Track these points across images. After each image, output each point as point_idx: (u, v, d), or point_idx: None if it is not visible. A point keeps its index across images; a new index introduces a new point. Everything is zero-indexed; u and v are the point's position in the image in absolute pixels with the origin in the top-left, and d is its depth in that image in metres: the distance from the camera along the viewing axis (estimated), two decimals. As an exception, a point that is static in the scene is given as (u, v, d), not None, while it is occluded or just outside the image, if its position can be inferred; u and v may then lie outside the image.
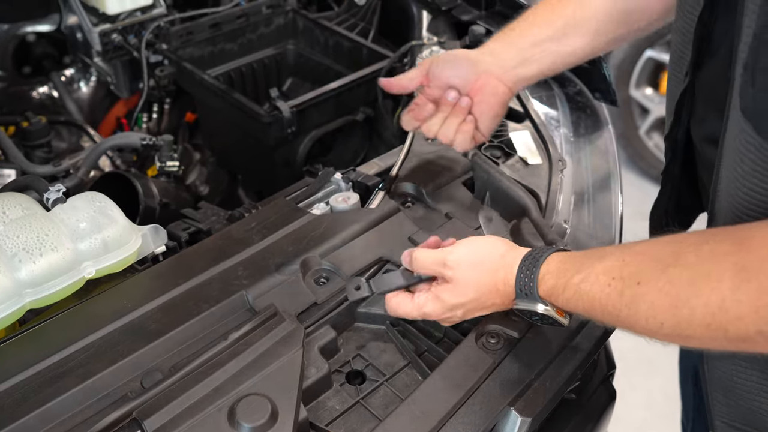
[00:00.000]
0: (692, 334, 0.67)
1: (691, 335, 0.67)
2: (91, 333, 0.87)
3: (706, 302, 0.65)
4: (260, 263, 0.98)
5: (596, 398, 1.09)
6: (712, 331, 0.65)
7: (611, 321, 0.75)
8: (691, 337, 0.68)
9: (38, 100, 1.70)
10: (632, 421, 2.24)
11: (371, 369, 0.92)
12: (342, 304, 0.95)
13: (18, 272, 0.89)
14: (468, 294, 0.85)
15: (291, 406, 0.78)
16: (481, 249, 0.86)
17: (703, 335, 0.66)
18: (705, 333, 0.66)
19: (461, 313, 0.87)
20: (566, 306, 0.80)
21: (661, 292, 0.68)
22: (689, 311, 0.66)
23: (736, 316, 0.63)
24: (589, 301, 0.76)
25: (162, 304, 0.91)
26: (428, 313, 0.87)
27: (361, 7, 1.76)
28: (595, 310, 0.76)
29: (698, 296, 0.65)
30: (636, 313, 0.71)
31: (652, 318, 0.70)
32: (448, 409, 0.82)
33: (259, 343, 0.84)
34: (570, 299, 0.78)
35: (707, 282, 0.65)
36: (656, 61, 3.18)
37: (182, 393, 0.78)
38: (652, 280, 0.69)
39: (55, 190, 1.01)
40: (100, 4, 1.60)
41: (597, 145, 1.33)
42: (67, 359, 0.84)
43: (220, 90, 1.50)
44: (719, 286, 0.64)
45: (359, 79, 1.51)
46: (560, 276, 0.79)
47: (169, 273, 0.97)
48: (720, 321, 0.64)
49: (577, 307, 0.78)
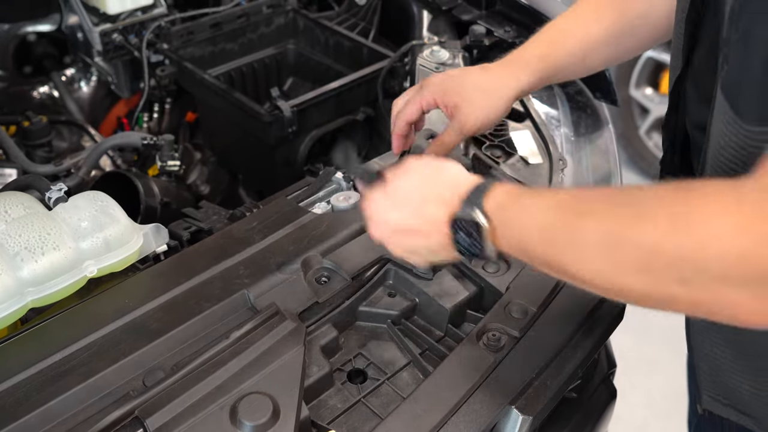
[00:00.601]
0: (619, 275, 0.66)
1: (617, 278, 0.67)
2: (93, 332, 0.87)
3: (639, 243, 0.64)
4: (261, 262, 0.98)
5: (597, 397, 1.09)
6: (641, 276, 0.64)
7: (542, 253, 0.73)
8: (616, 281, 0.67)
9: (39, 99, 1.71)
10: (632, 419, 2.24)
11: (372, 368, 0.92)
12: (343, 303, 0.95)
13: (20, 271, 0.89)
14: (413, 177, 0.83)
15: (293, 405, 0.78)
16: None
17: (629, 279, 0.66)
18: (632, 277, 0.65)
19: (396, 203, 0.83)
20: (504, 226, 0.76)
21: (601, 226, 0.68)
22: (623, 250, 0.66)
23: (665, 263, 0.63)
24: (528, 226, 0.74)
25: (163, 303, 0.91)
26: (371, 199, 0.85)
27: (361, 6, 1.76)
28: (531, 237, 0.74)
29: (635, 236, 0.64)
30: (571, 242, 0.70)
31: (585, 250, 0.69)
32: (450, 407, 0.82)
33: (261, 341, 0.84)
34: (512, 218, 0.75)
35: (644, 224, 0.64)
36: (656, 61, 3.18)
37: (184, 391, 0.78)
38: (597, 214, 0.69)
39: (57, 189, 1.01)
40: (100, 4, 1.60)
41: (597, 145, 1.33)
42: (69, 358, 0.84)
43: (221, 90, 1.50)
44: (654, 230, 0.63)
45: (360, 79, 1.51)
46: (512, 194, 0.77)
47: (171, 272, 0.97)
48: (648, 263, 0.64)
49: (513, 231, 0.75)
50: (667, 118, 0.92)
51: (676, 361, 1.27)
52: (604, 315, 0.96)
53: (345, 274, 0.97)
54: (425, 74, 1.35)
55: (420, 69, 1.37)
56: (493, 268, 1.00)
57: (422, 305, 0.98)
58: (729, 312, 0.62)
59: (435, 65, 1.38)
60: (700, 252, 0.60)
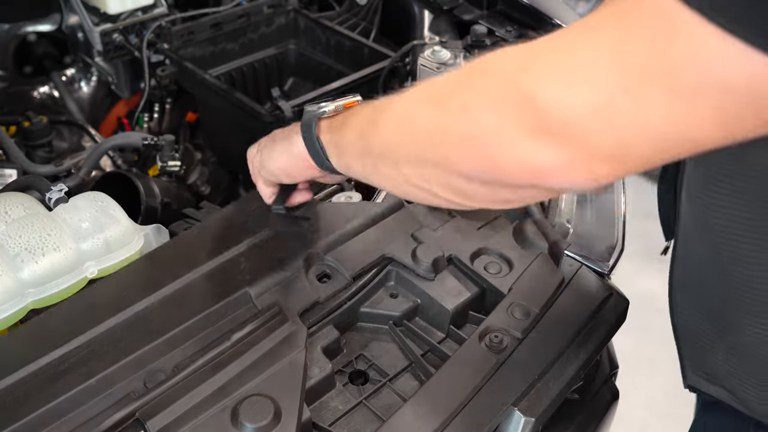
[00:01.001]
0: (417, 107, 0.70)
1: (416, 111, 0.70)
2: (92, 327, 0.85)
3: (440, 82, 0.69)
4: (262, 256, 0.97)
5: (599, 398, 1.09)
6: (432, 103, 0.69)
7: (357, 131, 0.80)
8: (413, 120, 0.70)
9: (39, 99, 1.70)
10: (634, 420, 2.24)
11: (374, 369, 0.92)
12: (345, 305, 0.94)
13: (20, 272, 0.88)
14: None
15: (294, 407, 0.78)
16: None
17: (421, 110, 0.69)
18: (425, 107, 0.69)
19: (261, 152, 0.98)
20: (325, 135, 0.86)
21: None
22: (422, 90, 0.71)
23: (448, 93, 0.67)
24: (347, 122, 0.82)
25: (164, 297, 0.90)
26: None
27: (362, 6, 1.75)
28: (349, 124, 0.82)
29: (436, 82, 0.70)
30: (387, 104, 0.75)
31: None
32: (452, 409, 0.82)
33: (262, 343, 0.84)
34: (332, 127, 0.85)
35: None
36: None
37: (185, 393, 0.78)
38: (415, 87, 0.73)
39: (57, 190, 1.01)
40: (101, 4, 1.60)
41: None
42: (69, 355, 0.83)
43: (222, 90, 1.50)
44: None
45: (361, 79, 1.51)
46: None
47: (172, 260, 0.96)
48: (439, 97, 0.68)
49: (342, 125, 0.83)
50: None
51: (677, 363, 1.26)
52: (607, 316, 0.96)
53: (346, 273, 0.97)
54: (426, 74, 1.34)
55: (421, 69, 1.37)
56: (495, 269, 1.00)
57: (424, 306, 0.98)
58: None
59: (436, 65, 1.37)
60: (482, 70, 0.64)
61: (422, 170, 0.71)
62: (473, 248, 1.02)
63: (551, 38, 0.60)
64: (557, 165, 0.58)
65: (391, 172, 0.75)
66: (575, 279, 1.01)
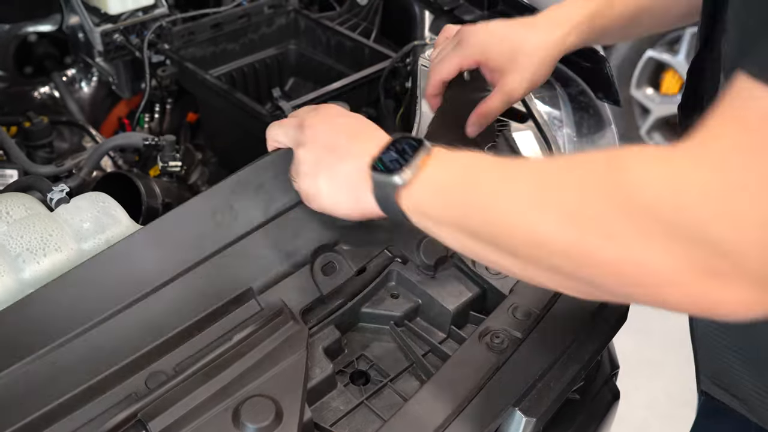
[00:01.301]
0: (545, 219, 0.60)
1: (543, 222, 0.60)
2: (90, 320, 0.83)
3: (574, 190, 0.59)
4: (268, 247, 0.95)
5: (600, 398, 1.09)
6: (567, 220, 0.59)
7: (467, 199, 0.67)
8: (537, 233, 0.61)
9: (40, 100, 1.70)
10: (635, 420, 2.24)
11: (375, 369, 0.92)
12: (346, 305, 0.94)
13: (22, 273, 0.88)
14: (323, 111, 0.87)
15: (296, 407, 0.78)
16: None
17: (552, 224, 0.60)
18: (556, 221, 0.59)
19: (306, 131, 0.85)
20: (434, 170, 0.71)
21: (535, 172, 0.64)
22: (553, 195, 0.60)
23: (594, 213, 0.57)
24: (463, 171, 0.69)
25: (165, 290, 0.88)
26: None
27: (363, 7, 1.76)
28: (459, 182, 0.68)
29: (569, 183, 0.60)
30: (501, 186, 0.65)
31: (514, 195, 0.63)
32: (453, 409, 0.82)
33: (264, 344, 0.84)
34: (447, 163, 0.71)
35: (585, 174, 0.60)
36: (657, 61, 3.18)
37: (187, 394, 0.78)
38: (533, 165, 0.67)
39: (59, 191, 1.01)
40: (101, 4, 1.60)
41: (600, 146, 1.33)
42: (68, 351, 0.81)
43: (222, 90, 1.50)
44: (592, 178, 0.59)
45: (361, 79, 1.51)
46: (441, 149, 0.73)
47: (173, 241, 0.93)
48: (579, 212, 0.58)
49: (446, 175, 0.70)
50: (683, 99, 0.90)
51: (678, 363, 1.27)
52: (608, 317, 0.96)
53: (352, 265, 0.96)
54: (427, 75, 1.34)
55: (422, 69, 1.37)
56: (496, 269, 1.00)
57: (425, 306, 0.98)
58: (654, 281, 0.55)
59: (437, 66, 1.37)
60: (632, 199, 0.54)
61: (548, 274, 0.63)
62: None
63: (693, 153, 0.54)
64: (734, 302, 0.53)
65: (499, 259, 0.67)
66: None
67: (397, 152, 0.73)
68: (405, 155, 0.72)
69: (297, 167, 0.86)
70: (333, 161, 0.81)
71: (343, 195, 0.81)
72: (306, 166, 0.84)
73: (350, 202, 0.81)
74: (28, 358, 0.80)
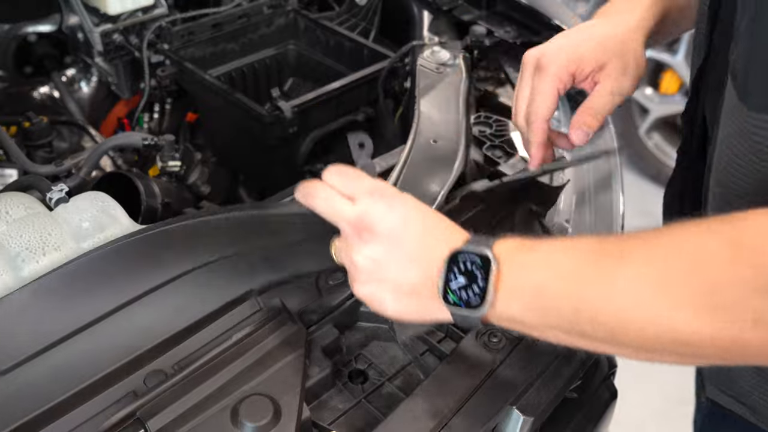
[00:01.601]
0: (680, 315, 0.57)
1: (678, 318, 0.57)
2: (90, 318, 0.84)
3: (704, 280, 0.56)
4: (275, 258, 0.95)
5: (598, 397, 1.09)
6: (705, 312, 0.56)
7: (569, 307, 0.62)
8: (674, 330, 0.58)
9: (39, 100, 1.71)
10: (632, 419, 2.24)
11: (373, 368, 0.92)
12: (345, 303, 0.95)
13: (21, 272, 0.89)
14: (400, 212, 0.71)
15: (294, 406, 0.78)
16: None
17: (690, 318, 0.57)
18: (693, 315, 0.57)
19: (376, 253, 0.71)
20: (520, 270, 0.65)
21: (649, 267, 0.59)
22: (682, 290, 0.57)
23: (732, 300, 0.55)
24: (550, 271, 0.63)
25: (165, 292, 0.88)
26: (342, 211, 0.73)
27: (362, 7, 1.76)
28: (554, 287, 0.63)
29: (696, 274, 0.57)
30: (611, 290, 0.60)
31: (632, 298, 0.59)
32: (451, 408, 0.82)
33: (263, 343, 0.84)
34: (526, 265, 0.65)
35: (710, 260, 0.56)
36: (656, 61, 3.18)
37: (185, 393, 0.78)
38: (639, 256, 0.60)
39: (58, 190, 1.01)
40: (101, 5, 1.60)
41: (598, 145, 1.33)
42: (67, 348, 0.82)
43: (222, 90, 1.50)
44: (722, 265, 0.56)
45: (360, 79, 1.51)
46: (523, 242, 0.67)
47: (177, 246, 0.93)
48: (716, 302, 0.56)
49: (531, 278, 0.64)
50: (687, 105, 0.89)
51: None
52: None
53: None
54: (426, 75, 1.35)
55: (420, 69, 1.37)
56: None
57: (423, 306, 0.98)
58: None
59: (435, 65, 1.38)
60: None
61: (673, 357, 0.60)
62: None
63: None
64: None
65: (615, 351, 0.64)
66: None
67: (463, 274, 0.67)
68: (474, 281, 0.66)
69: (355, 270, 0.75)
70: (398, 270, 0.72)
71: (412, 307, 0.73)
72: (365, 274, 0.74)
73: (419, 313, 0.74)
74: (27, 357, 0.81)
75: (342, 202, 0.74)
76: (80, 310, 0.83)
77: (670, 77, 3.20)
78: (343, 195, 0.74)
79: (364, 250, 0.72)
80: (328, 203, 0.74)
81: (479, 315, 0.67)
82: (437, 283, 0.69)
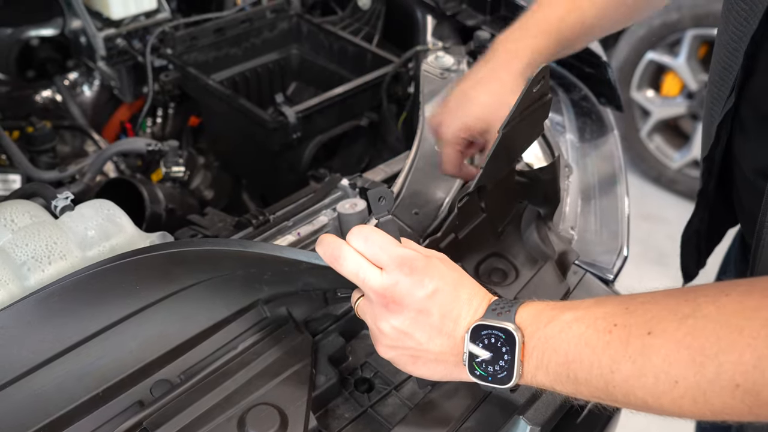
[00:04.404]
0: (711, 396, 0.57)
1: (709, 398, 0.58)
2: (97, 326, 0.82)
3: (738, 359, 0.55)
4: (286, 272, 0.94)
5: (603, 406, 1.09)
6: (740, 394, 0.56)
7: (601, 381, 0.63)
8: (707, 402, 0.58)
9: (42, 104, 1.70)
10: (636, 427, 2.24)
11: (379, 377, 0.92)
12: (350, 312, 0.95)
13: (27, 281, 0.88)
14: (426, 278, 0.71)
15: (301, 415, 0.78)
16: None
17: (725, 399, 0.57)
18: (729, 396, 0.57)
19: (403, 316, 0.71)
20: (542, 350, 0.66)
21: (680, 344, 0.58)
22: (716, 368, 0.56)
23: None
24: (578, 345, 0.63)
25: (173, 301, 0.86)
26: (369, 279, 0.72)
27: (365, 11, 1.76)
28: (583, 361, 0.63)
29: (729, 352, 0.56)
30: (643, 367, 0.60)
31: (664, 374, 0.59)
32: (457, 417, 0.82)
33: (269, 352, 0.84)
34: (552, 338, 0.65)
35: (740, 337, 0.56)
36: (657, 64, 3.18)
37: (192, 403, 0.78)
38: (668, 331, 0.59)
39: (63, 198, 1.00)
40: (104, 9, 1.60)
41: (602, 151, 1.33)
42: (74, 357, 0.81)
43: (225, 95, 1.50)
44: (754, 343, 0.55)
45: (364, 84, 1.51)
46: (545, 310, 0.67)
47: (189, 261, 0.90)
48: (753, 382, 0.55)
49: (558, 352, 0.64)
50: (710, 150, 0.89)
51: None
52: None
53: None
54: (430, 80, 1.35)
55: (424, 75, 1.37)
56: (500, 276, 1.00)
57: (429, 314, 0.98)
58: None
59: (439, 71, 1.37)
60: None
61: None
62: (479, 256, 1.02)
63: None
64: None
65: (646, 411, 0.65)
66: (580, 286, 1.01)
67: (487, 348, 0.68)
68: (500, 357, 0.67)
69: (380, 334, 0.75)
70: (424, 340, 0.72)
71: (438, 372, 0.75)
72: (391, 341, 0.74)
73: (444, 377, 0.76)
74: (34, 366, 0.80)
75: (371, 270, 0.72)
76: (88, 320, 0.82)
77: (671, 80, 3.20)
78: (371, 262, 0.73)
79: (391, 320, 0.72)
80: (356, 269, 0.73)
81: (507, 387, 0.69)
82: (463, 356, 0.71)
